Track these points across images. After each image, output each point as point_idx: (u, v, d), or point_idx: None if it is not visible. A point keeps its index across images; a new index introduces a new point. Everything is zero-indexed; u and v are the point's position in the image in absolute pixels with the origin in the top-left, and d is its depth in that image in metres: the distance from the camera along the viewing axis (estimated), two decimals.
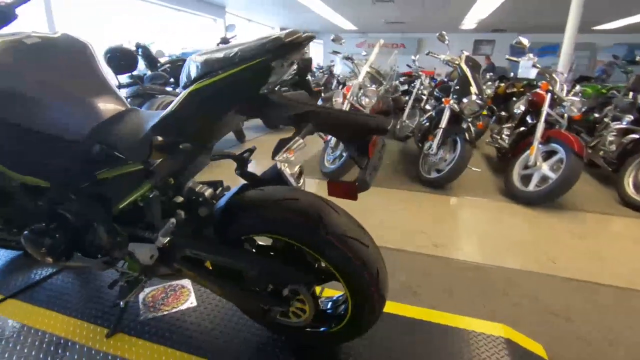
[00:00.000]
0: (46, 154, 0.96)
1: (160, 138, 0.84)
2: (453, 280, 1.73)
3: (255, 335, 1.23)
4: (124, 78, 3.33)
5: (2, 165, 0.99)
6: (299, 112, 0.76)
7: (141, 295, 1.40)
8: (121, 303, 1.20)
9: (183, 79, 0.81)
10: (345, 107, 3.31)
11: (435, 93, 3.66)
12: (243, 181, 1.11)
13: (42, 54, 0.98)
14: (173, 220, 0.94)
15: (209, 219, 0.97)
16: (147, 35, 7.12)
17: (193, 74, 0.76)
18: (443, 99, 3.21)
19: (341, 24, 11.55)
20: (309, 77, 6.77)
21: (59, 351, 1.14)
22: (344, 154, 3.16)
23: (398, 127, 5.05)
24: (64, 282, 1.49)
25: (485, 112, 4.74)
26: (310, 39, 0.69)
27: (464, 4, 8.05)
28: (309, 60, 6.77)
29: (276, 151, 0.76)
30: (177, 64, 4.03)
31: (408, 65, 5.97)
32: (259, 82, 0.74)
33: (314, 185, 3.12)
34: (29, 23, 1.33)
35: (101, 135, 0.94)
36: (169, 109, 0.81)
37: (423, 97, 4.65)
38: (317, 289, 1.19)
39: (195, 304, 1.37)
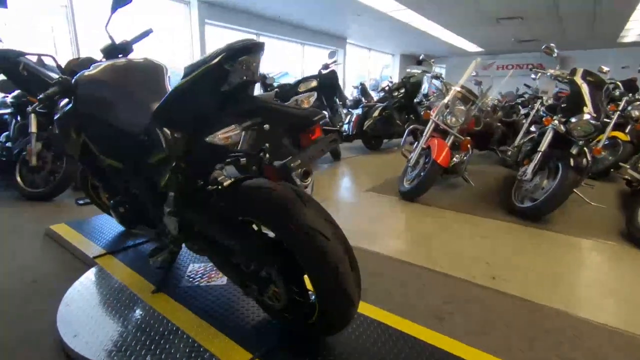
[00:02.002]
0: (119, 143, 1.32)
1: (175, 134, 1.05)
2: (492, 316, 1.51)
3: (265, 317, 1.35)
4: None
5: (96, 149, 1.40)
6: (251, 107, 0.89)
7: (189, 267, 1.70)
8: (151, 262, 1.45)
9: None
10: (430, 126, 3.22)
11: (541, 112, 3.17)
12: None
13: (128, 72, 1.37)
14: (171, 194, 1.14)
15: (216, 200, 1.15)
16: (273, 66, 8.27)
17: (181, 75, 0.97)
18: (544, 119, 2.80)
19: (465, 46, 11.04)
20: (416, 100, 6.71)
21: (118, 294, 1.49)
22: (422, 173, 3.05)
23: (509, 152, 4.53)
24: (146, 249, 1.91)
25: (626, 138, 3.89)
26: (257, 45, 0.81)
27: (615, 14, 6.75)
28: (417, 85, 6.70)
29: None
30: (285, 88, 4.60)
31: (526, 85, 5.32)
32: (219, 81, 0.90)
33: (389, 204, 3.09)
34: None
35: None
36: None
37: None
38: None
39: (224, 282, 1.58)
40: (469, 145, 3.25)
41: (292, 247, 0.97)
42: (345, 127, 6.10)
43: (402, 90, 6.63)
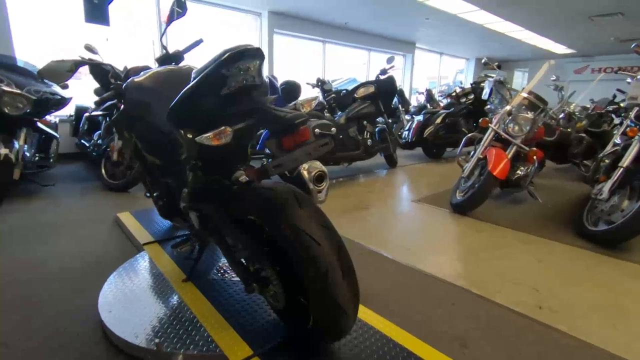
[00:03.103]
0: (157, 141, 1.46)
1: (187, 134, 1.12)
2: (527, 350, 1.33)
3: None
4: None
5: (142, 147, 1.57)
6: (247, 108, 0.91)
7: (222, 261, 1.80)
8: (174, 251, 1.54)
9: None
10: (488, 135, 2.98)
11: (629, 122, 2.69)
12: None
13: (168, 77, 1.51)
14: (185, 189, 1.21)
15: (230, 198, 1.21)
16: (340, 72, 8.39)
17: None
18: (629, 129, 2.40)
19: (552, 48, 9.95)
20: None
21: (154, 279, 1.63)
22: (476, 185, 2.82)
23: (592, 167, 3.96)
24: None
25: None
26: (251, 50, 0.84)
27: None
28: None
29: None
30: (340, 93, 4.63)
31: (620, 91, 4.60)
32: (218, 84, 0.94)
33: (438, 216, 2.92)
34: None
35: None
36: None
37: None
38: None
39: None
40: (535, 157, 2.92)
41: (285, 249, 0.97)
42: (405, 133, 5.92)
43: (471, 97, 6.22)
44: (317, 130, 3.62)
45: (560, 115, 4.08)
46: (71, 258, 1.96)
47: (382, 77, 4.55)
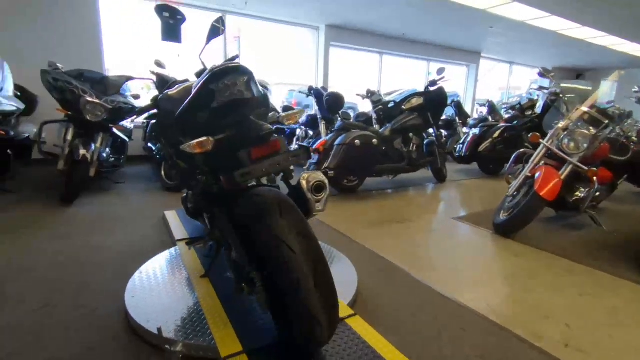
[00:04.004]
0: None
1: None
2: None
3: None
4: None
5: (172, 153, 1.75)
6: (234, 120, 0.98)
7: None
8: (189, 247, 1.66)
9: None
10: (539, 152, 2.75)
11: None
12: None
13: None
14: (189, 192, 1.32)
15: (233, 202, 1.30)
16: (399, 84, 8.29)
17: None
18: None
19: None
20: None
21: (176, 273, 1.80)
22: (523, 202, 2.60)
23: None
24: None
25: None
26: (233, 68, 0.91)
27: None
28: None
29: None
30: (388, 105, 4.58)
31: None
32: (208, 98, 1.03)
33: (475, 236, 2.75)
34: None
35: None
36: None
37: None
38: None
39: None
40: (595, 178, 2.61)
41: (262, 254, 1.02)
42: (459, 147, 5.64)
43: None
44: (357, 141, 3.64)
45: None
46: (121, 247, 2.24)
47: (431, 88, 4.42)
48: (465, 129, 6.67)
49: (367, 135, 3.78)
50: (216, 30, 2.01)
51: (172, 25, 5.81)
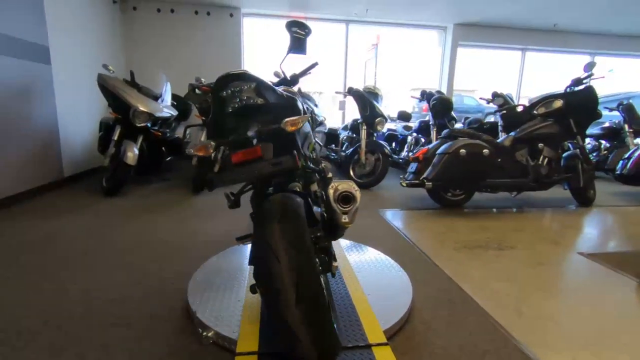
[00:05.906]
0: None
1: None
2: None
3: None
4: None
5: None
6: (235, 126, 1.00)
7: None
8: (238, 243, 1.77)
9: None
10: None
11: None
12: None
13: None
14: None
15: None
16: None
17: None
18: None
19: None
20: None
21: (232, 270, 1.96)
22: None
23: None
24: None
25: None
26: (235, 75, 0.93)
27: None
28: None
29: None
30: (515, 109, 3.92)
31: None
32: (222, 105, 1.06)
33: (613, 283, 2.10)
34: None
35: None
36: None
37: None
38: None
39: None
40: None
41: (253, 259, 1.02)
42: (620, 163, 4.37)
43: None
44: (462, 151, 3.26)
45: None
46: (196, 237, 2.59)
47: (575, 88, 3.57)
48: (638, 140, 5.17)
49: (476, 144, 3.33)
50: (297, 39, 2.10)
51: (299, 39, 6.34)
